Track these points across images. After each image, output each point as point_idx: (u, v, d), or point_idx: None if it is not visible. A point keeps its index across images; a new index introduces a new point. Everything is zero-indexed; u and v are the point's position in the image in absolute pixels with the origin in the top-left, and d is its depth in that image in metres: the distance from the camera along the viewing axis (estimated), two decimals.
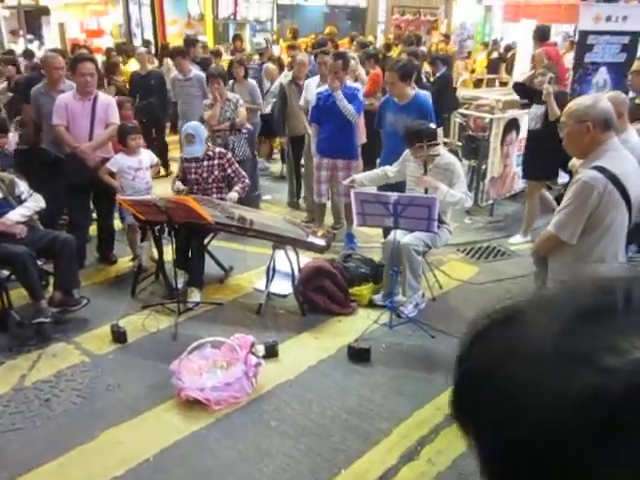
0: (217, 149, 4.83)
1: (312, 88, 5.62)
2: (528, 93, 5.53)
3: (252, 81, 6.76)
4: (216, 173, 4.73)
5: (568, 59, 8.26)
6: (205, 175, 4.73)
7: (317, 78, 5.73)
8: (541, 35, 6.94)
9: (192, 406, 3.16)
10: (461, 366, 0.49)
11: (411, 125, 4.28)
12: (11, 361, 3.61)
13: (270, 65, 8.07)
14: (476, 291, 4.64)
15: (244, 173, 4.83)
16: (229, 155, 4.80)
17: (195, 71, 6.65)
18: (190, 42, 8.09)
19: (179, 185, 4.74)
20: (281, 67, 8.20)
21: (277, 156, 8.45)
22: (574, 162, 3.47)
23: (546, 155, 5.16)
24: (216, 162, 4.73)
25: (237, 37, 11.07)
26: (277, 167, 8.22)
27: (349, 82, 5.27)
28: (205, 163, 4.73)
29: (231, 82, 6.45)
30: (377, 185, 4.67)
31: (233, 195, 4.73)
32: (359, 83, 6.39)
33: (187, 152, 4.65)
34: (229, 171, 4.76)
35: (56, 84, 5.08)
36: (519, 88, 5.62)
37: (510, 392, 0.42)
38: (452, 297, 4.55)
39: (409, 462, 2.82)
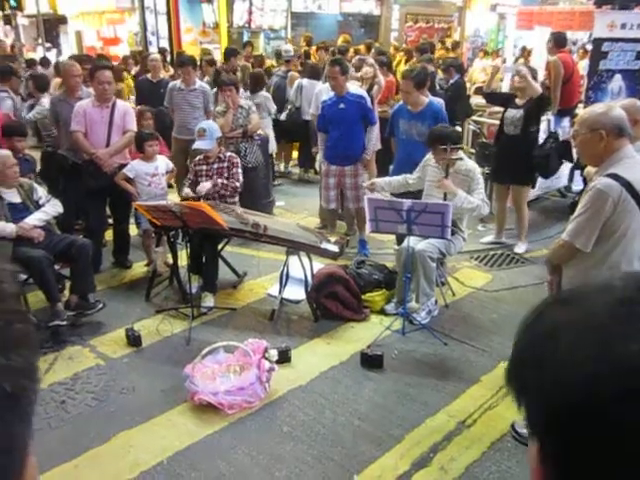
0: (228, 153, 4.88)
1: (324, 96, 5.65)
2: (500, 99, 5.57)
3: (201, 84, 6.70)
4: (225, 175, 4.78)
5: (582, 67, 8.25)
6: (215, 177, 4.77)
7: (327, 85, 5.74)
8: (558, 42, 6.88)
9: (205, 410, 3.18)
10: (522, 338, 0.53)
11: (436, 127, 4.31)
12: None
13: (295, 73, 8.15)
14: (489, 298, 4.62)
15: (240, 178, 4.80)
16: (236, 160, 4.84)
17: (199, 82, 6.52)
18: (231, 52, 8.10)
19: (188, 192, 4.77)
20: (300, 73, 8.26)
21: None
22: (589, 170, 3.46)
23: (522, 160, 5.19)
24: (226, 165, 4.78)
25: (248, 44, 11.11)
26: (296, 170, 8.33)
27: (352, 89, 5.29)
28: (215, 166, 4.78)
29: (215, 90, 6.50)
30: (397, 192, 4.68)
31: (206, 184, 4.66)
32: (376, 87, 6.39)
33: (196, 144, 4.71)
34: (231, 172, 4.78)
35: (74, 91, 5.16)
36: (490, 97, 5.66)
37: (568, 357, 0.46)
38: (465, 304, 4.54)
39: (421, 469, 2.81)
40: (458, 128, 4.39)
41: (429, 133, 4.30)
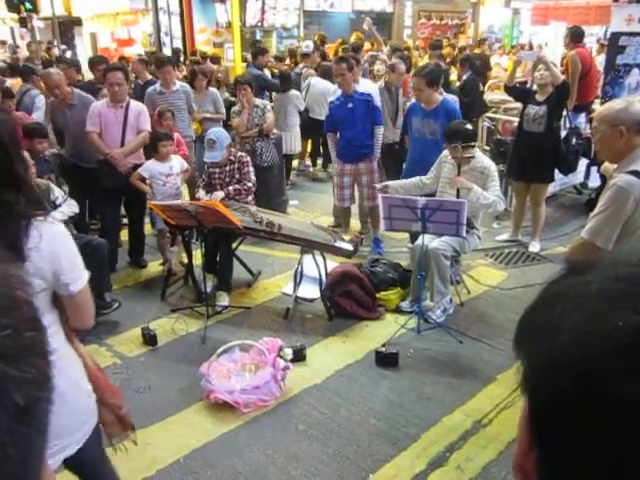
0: (238, 153, 4.88)
1: (331, 97, 5.62)
2: (521, 94, 5.47)
3: (214, 90, 6.57)
4: (237, 177, 4.78)
5: (599, 61, 8.14)
6: (227, 180, 4.78)
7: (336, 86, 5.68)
8: (576, 37, 6.78)
9: (221, 409, 3.19)
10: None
11: (452, 123, 4.28)
12: None
13: (310, 70, 8.16)
14: (505, 296, 4.58)
15: (252, 177, 4.79)
16: (246, 159, 4.83)
17: (180, 83, 6.10)
18: (259, 51, 8.07)
19: (202, 194, 4.78)
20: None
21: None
22: (606, 166, 3.41)
23: (546, 157, 5.13)
24: (236, 166, 4.78)
25: (257, 42, 11.02)
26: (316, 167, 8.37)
27: (360, 88, 5.26)
28: (227, 168, 4.78)
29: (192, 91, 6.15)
30: (413, 194, 4.65)
31: (218, 194, 4.64)
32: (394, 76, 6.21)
33: (207, 157, 4.71)
34: (242, 172, 4.78)
35: (64, 99, 5.15)
36: (511, 90, 5.55)
37: (557, 324, 0.47)
38: (481, 302, 4.50)
39: (438, 468, 2.80)
40: (468, 126, 4.31)
41: (445, 129, 4.28)
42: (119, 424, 2.07)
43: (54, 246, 1.60)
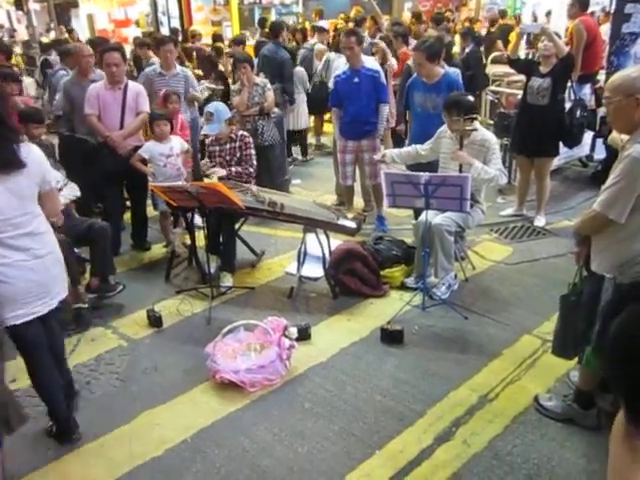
0: (240, 132, 4.82)
1: (338, 70, 5.54)
2: (525, 67, 5.35)
3: (182, 69, 5.93)
4: (238, 155, 4.73)
5: (604, 31, 7.97)
6: (228, 158, 4.73)
7: (344, 60, 5.62)
8: (581, 4, 6.58)
9: (227, 388, 3.21)
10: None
11: (452, 94, 4.21)
12: None
13: (321, 45, 8.06)
14: (510, 271, 4.56)
15: (254, 162, 4.75)
16: (249, 139, 4.78)
17: (180, 67, 5.78)
18: (279, 26, 7.87)
19: (206, 162, 4.74)
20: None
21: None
22: (614, 137, 3.34)
23: (552, 130, 5.05)
24: (237, 144, 4.73)
25: (264, 20, 10.92)
26: (328, 140, 8.04)
27: (368, 63, 5.18)
28: (228, 146, 4.74)
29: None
30: (408, 163, 4.61)
31: (220, 170, 4.58)
32: (387, 68, 6.19)
33: (205, 130, 4.68)
34: (243, 153, 4.73)
35: (86, 73, 5.15)
36: (515, 63, 5.44)
37: None
38: (486, 278, 4.48)
39: (444, 443, 2.81)
40: (470, 97, 4.24)
41: (445, 99, 4.21)
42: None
43: (37, 156, 2.51)
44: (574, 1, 6.60)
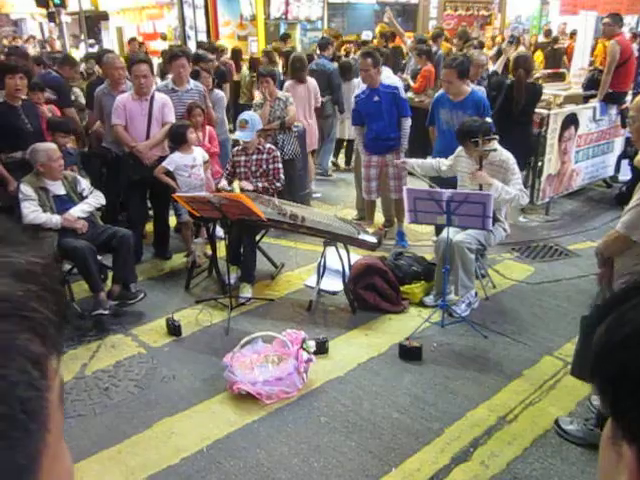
0: (267, 145, 4.88)
1: (357, 90, 5.60)
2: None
3: (219, 92, 6.06)
4: (264, 167, 4.78)
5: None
6: (254, 169, 4.78)
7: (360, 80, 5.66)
8: (618, 22, 6.40)
9: (244, 399, 3.21)
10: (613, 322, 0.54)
11: (464, 123, 4.20)
12: (72, 351, 3.76)
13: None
14: (531, 291, 4.51)
15: (282, 177, 4.80)
16: (276, 153, 4.83)
17: (193, 82, 5.47)
18: (328, 41, 7.79)
19: (224, 184, 4.80)
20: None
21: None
22: None
23: None
24: (264, 157, 4.78)
25: (287, 36, 11.05)
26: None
27: (387, 80, 5.21)
28: (254, 157, 4.79)
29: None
30: (428, 175, 4.60)
31: (246, 183, 4.67)
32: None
33: (238, 136, 4.74)
34: (270, 167, 4.78)
35: (117, 84, 5.25)
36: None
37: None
38: (506, 297, 4.44)
39: (462, 463, 2.77)
40: (488, 119, 4.23)
41: (458, 129, 4.19)
42: None
43: None
44: (611, 20, 6.47)
